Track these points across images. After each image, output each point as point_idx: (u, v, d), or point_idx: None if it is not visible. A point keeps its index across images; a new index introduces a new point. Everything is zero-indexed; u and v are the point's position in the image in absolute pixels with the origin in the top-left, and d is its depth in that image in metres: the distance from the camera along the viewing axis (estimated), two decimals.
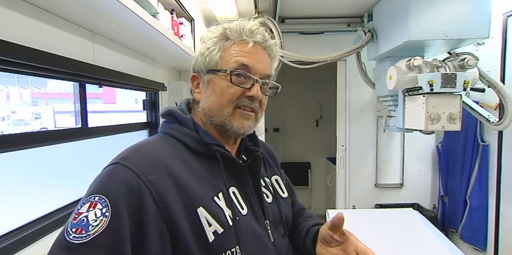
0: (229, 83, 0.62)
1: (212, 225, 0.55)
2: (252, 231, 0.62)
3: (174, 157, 0.59)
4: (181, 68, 2.55)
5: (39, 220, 1.08)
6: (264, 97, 0.67)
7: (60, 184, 1.24)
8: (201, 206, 0.55)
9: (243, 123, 0.64)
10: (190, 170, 0.58)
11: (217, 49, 0.65)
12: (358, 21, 2.42)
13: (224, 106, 0.63)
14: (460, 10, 1.61)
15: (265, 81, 0.66)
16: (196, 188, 0.56)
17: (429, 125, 1.68)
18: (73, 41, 1.22)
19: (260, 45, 0.66)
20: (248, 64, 0.63)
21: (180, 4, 1.73)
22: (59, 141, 1.20)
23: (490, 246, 2.13)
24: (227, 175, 0.62)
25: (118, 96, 7.65)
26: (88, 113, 1.40)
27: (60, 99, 6.54)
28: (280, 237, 0.69)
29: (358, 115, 2.72)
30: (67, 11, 1.08)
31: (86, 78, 1.31)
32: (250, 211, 0.64)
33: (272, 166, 0.81)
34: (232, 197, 0.61)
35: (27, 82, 5.77)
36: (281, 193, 0.76)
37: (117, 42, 1.56)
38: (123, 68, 1.61)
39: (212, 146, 0.62)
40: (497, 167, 2.05)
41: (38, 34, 1.03)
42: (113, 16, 1.12)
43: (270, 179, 0.76)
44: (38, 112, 5.75)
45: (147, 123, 2.13)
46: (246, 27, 0.65)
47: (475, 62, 1.64)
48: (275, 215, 0.70)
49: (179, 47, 1.67)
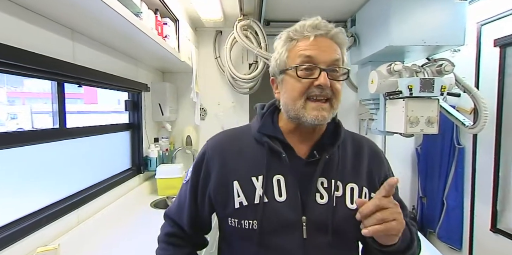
0: (297, 78, 0.67)
1: (240, 196, 0.69)
2: (280, 216, 0.66)
3: (234, 140, 0.76)
4: (164, 68, 2.52)
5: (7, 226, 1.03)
6: (337, 83, 0.69)
7: (35, 187, 1.20)
8: (236, 180, 0.70)
9: (316, 115, 0.67)
10: (241, 153, 0.73)
11: (285, 51, 0.71)
12: (342, 26, 2.46)
13: (296, 99, 0.68)
14: (438, 18, 1.68)
15: (333, 68, 0.68)
16: (238, 166, 0.71)
17: (409, 128, 1.73)
18: (52, 39, 1.18)
19: (324, 36, 0.68)
20: (311, 55, 0.67)
21: (164, 4, 1.71)
22: (35, 142, 1.16)
23: (465, 245, 2.21)
24: (273, 164, 0.70)
25: (100, 97, 7.46)
26: (68, 113, 1.36)
27: (38, 99, 6.31)
28: (323, 241, 0.67)
29: (341, 118, 2.66)
30: (46, 8, 1.05)
31: (64, 77, 1.27)
32: (288, 200, 0.68)
33: (359, 171, 0.74)
34: (274, 182, 0.69)
35: (2, 81, 5.54)
36: (348, 202, 0.70)
37: (99, 41, 1.52)
38: (105, 68, 1.58)
39: (263, 136, 0.72)
40: (472, 169, 2.13)
41: (14, 30, 0.99)
42: (94, 14, 1.09)
43: (344, 184, 0.71)
44: (14, 112, 5.52)
45: (129, 124, 2.08)
46: (307, 23, 0.69)
47: (452, 68, 1.71)
48: (320, 216, 0.68)
49: (162, 48, 1.65)
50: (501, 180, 1.91)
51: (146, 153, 2.21)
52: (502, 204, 1.91)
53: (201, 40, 2.66)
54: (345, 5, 2.12)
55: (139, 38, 1.43)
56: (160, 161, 2.27)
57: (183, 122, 2.69)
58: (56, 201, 1.28)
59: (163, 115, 2.39)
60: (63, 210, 1.27)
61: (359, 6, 2.12)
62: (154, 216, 1.73)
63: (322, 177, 0.70)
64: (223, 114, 2.70)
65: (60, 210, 1.25)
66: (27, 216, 1.11)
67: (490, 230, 1.96)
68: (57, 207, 1.25)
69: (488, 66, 1.99)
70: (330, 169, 0.71)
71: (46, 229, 1.15)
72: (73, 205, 1.33)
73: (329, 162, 0.71)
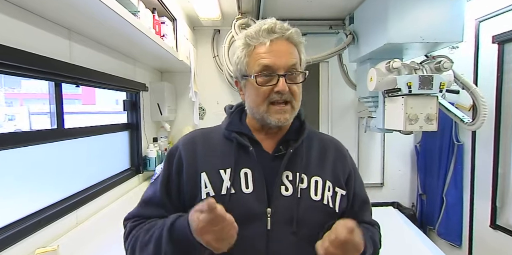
0: (257, 85, 0.71)
1: (208, 187, 0.71)
2: (246, 207, 0.69)
3: (206, 137, 0.79)
4: (163, 68, 2.51)
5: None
6: (296, 86, 0.72)
7: (33, 189, 1.19)
8: (204, 172, 0.73)
9: (279, 117, 0.72)
10: (210, 148, 0.77)
11: (243, 57, 0.74)
12: (340, 24, 2.46)
13: (259, 104, 0.73)
14: (436, 15, 1.67)
15: (292, 72, 0.71)
16: (207, 159, 0.74)
17: (408, 126, 1.73)
18: (48, 39, 1.17)
19: (280, 39, 0.71)
20: (269, 64, 0.70)
21: (161, 3, 1.70)
22: (33, 143, 1.15)
23: (465, 242, 2.21)
24: (241, 158, 0.73)
25: (98, 97, 7.44)
26: (66, 114, 1.35)
27: (36, 99, 6.28)
28: (286, 232, 0.69)
29: (340, 116, 2.76)
30: (42, 8, 1.04)
31: (62, 77, 1.26)
32: (254, 192, 0.71)
33: (322, 166, 0.78)
34: (241, 175, 0.72)
35: (0, 82, 5.50)
36: (312, 194, 0.73)
37: (96, 41, 1.51)
38: (102, 67, 1.57)
39: (231, 133, 0.76)
40: (471, 165, 2.14)
41: (10, 30, 0.98)
42: (91, 13, 1.08)
43: (308, 177, 0.74)
44: (12, 113, 5.50)
45: (127, 124, 2.07)
46: (262, 28, 0.71)
47: (450, 65, 1.70)
48: (284, 208, 0.70)
49: (160, 47, 1.64)
50: (500, 176, 1.91)
51: (145, 153, 2.20)
52: (502, 201, 1.92)
53: (199, 39, 2.65)
54: (343, 3, 2.12)
55: (136, 37, 1.42)
56: (159, 161, 2.26)
57: (182, 122, 2.68)
58: (55, 202, 1.28)
59: (162, 114, 2.38)
60: (62, 211, 1.26)
61: (357, 4, 2.11)
62: None
63: (287, 171, 0.73)
64: (222, 113, 2.69)
65: (59, 211, 1.24)
66: (26, 217, 1.11)
67: (489, 227, 1.97)
68: (56, 208, 1.24)
69: (486, 63, 1.99)
70: (295, 163, 0.74)
71: (45, 231, 1.15)
72: (72, 206, 1.33)
73: (294, 156, 0.75)
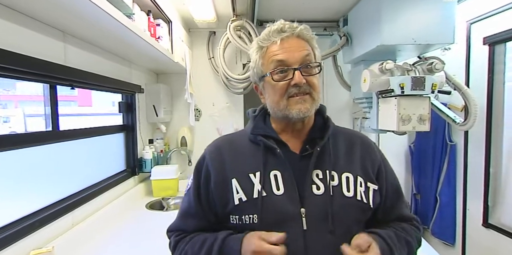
0: (274, 82, 0.73)
1: (239, 193, 0.72)
2: (279, 209, 0.70)
3: (230, 143, 0.81)
4: (158, 70, 2.52)
5: None
6: (313, 77, 0.73)
7: (28, 190, 1.19)
8: (234, 178, 0.74)
9: (300, 107, 0.72)
10: (238, 153, 0.78)
11: (258, 58, 0.76)
12: (334, 26, 2.48)
13: (279, 101, 0.74)
14: (428, 17, 1.70)
15: (305, 65, 0.72)
16: (235, 165, 0.75)
17: (401, 126, 1.76)
18: (43, 41, 1.18)
19: (291, 37, 0.73)
20: (282, 58, 0.72)
21: (156, 5, 1.71)
22: (28, 145, 1.15)
23: (458, 241, 2.24)
24: (270, 160, 0.74)
25: (95, 99, 7.40)
26: (62, 116, 1.36)
27: (31, 101, 6.24)
28: (323, 231, 0.69)
29: (335, 117, 2.72)
30: (36, 10, 1.05)
31: (56, 79, 1.27)
32: (286, 193, 0.71)
33: (352, 162, 0.78)
34: (271, 178, 0.72)
35: None
36: (344, 191, 0.73)
37: (91, 43, 1.52)
38: (97, 69, 1.57)
39: (257, 136, 0.77)
40: (464, 165, 2.17)
41: (4, 33, 0.99)
42: (85, 16, 1.09)
43: (339, 174, 0.74)
44: (7, 115, 5.46)
45: (123, 125, 2.08)
46: (272, 29, 0.74)
47: (442, 66, 1.73)
48: (318, 207, 0.70)
49: (155, 49, 1.65)
50: (492, 176, 1.94)
51: (141, 155, 2.20)
52: (493, 200, 1.95)
53: (195, 41, 2.66)
54: (337, 5, 2.14)
55: (131, 39, 1.43)
56: (155, 163, 2.27)
57: (178, 123, 2.69)
58: (50, 204, 1.28)
59: (158, 116, 2.38)
60: (58, 213, 1.27)
61: (351, 6, 2.13)
62: (150, 218, 1.73)
63: (317, 169, 0.73)
64: (217, 114, 2.70)
65: (54, 212, 1.24)
66: (21, 219, 1.11)
67: (482, 225, 2.00)
68: (51, 210, 1.24)
69: (478, 64, 2.03)
70: (324, 161, 0.74)
71: (40, 232, 1.15)
72: (67, 208, 1.33)
73: (322, 154, 0.75)
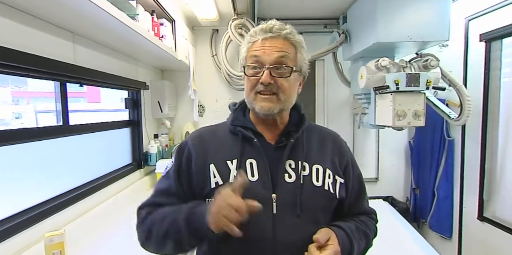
0: (247, 76, 0.80)
1: (216, 177, 0.77)
2: (252, 193, 0.72)
3: (212, 133, 0.87)
4: (163, 67, 2.60)
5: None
6: (284, 80, 0.77)
7: (40, 181, 1.29)
8: (212, 163, 0.79)
9: (262, 105, 0.78)
10: (218, 141, 0.83)
11: (244, 52, 0.82)
12: (334, 23, 2.52)
13: (249, 93, 0.80)
14: (423, 15, 1.74)
15: (277, 66, 0.76)
16: (215, 152, 0.81)
17: (396, 121, 1.81)
18: (54, 42, 1.27)
19: (276, 38, 0.78)
20: (257, 55, 0.77)
21: (160, 6, 1.78)
22: (40, 138, 1.25)
23: (455, 234, 2.29)
24: (247, 149, 0.80)
25: (103, 95, 7.55)
26: (72, 112, 1.45)
27: (43, 98, 6.41)
28: (291, 215, 0.74)
29: (335, 113, 2.84)
30: (48, 14, 1.13)
31: (66, 77, 1.36)
32: (260, 180, 0.77)
33: (322, 156, 0.83)
34: (247, 165, 0.78)
35: (7, 81, 5.63)
36: (314, 180, 0.78)
37: (98, 43, 1.60)
38: (105, 68, 1.66)
39: (236, 127, 0.83)
40: (461, 160, 2.21)
41: (18, 35, 1.07)
42: (93, 19, 1.17)
43: (310, 165, 0.80)
44: (19, 112, 5.63)
45: (129, 121, 2.17)
46: (259, 28, 0.79)
47: (437, 63, 1.77)
48: (288, 193, 0.76)
49: (159, 48, 1.73)
50: (487, 170, 1.98)
51: (146, 149, 2.30)
52: (488, 194, 1.99)
53: (198, 38, 2.73)
54: (335, 3, 2.18)
55: (136, 39, 1.51)
56: (160, 157, 2.36)
57: (182, 119, 2.77)
58: (61, 193, 1.38)
59: (162, 112, 2.47)
60: (68, 201, 1.36)
61: (350, 4, 2.17)
62: None
63: (290, 160, 0.79)
64: (220, 110, 2.78)
65: (65, 201, 1.35)
66: (36, 206, 1.21)
67: (477, 219, 2.04)
68: (63, 198, 1.35)
69: (475, 60, 2.05)
70: (297, 152, 0.80)
71: (53, 218, 1.25)
72: (77, 197, 1.43)
73: (295, 146, 0.81)
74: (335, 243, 0.72)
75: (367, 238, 0.85)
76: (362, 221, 0.88)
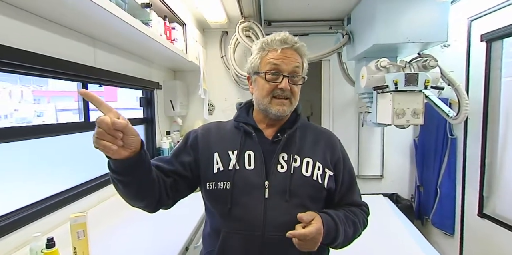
0: (266, 81, 0.89)
1: (219, 164, 0.89)
2: (248, 180, 0.86)
3: (220, 127, 0.99)
4: (176, 68, 2.75)
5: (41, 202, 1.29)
6: (296, 86, 0.90)
7: (65, 171, 1.45)
8: (216, 152, 0.91)
9: (279, 109, 0.89)
10: (222, 134, 0.95)
11: (258, 57, 0.91)
12: (339, 24, 2.60)
13: (264, 96, 0.89)
14: (422, 17, 1.80)
15: (293, 75, 0.88)
16: (219, 143, 0.93)
17: (395, 120, 1.88)
18: (76, 47, 1.42)
19: (290, 49, 0.88)
20: (278, 63, 0.87)
21: (172, 11, 1.92)
22: (66, 132, 1.41)
23: (457, 231, 2.33)
24: (246, 142, 0.91)
25: (120, 94, 7.81)
26: (93, 110, 1.60)
27: (62, 97, 6.72)
28: (281, 200, 0.85)
29: (341, 112, 2.91)
30: (73, 22, 1.28)
31: (87, 78, 1.51)
32: (255, 169, 0.87)
33: (314, 151, 0.93)
34: (245, 156, 0.89)
35: (29, 81, 5.94)
36: (303, 171, 0.88)
37: (116, 47, 1.75)
38: (121, 69, 1.81)
39: (239, 123, 0.94)
40: (463, 158, 2.24)
41: (47, 42, 1.22)
42: (111, 26, 1.32)
43: (301, 158, 0.90)
44: (41, 110, 5.93)
45: (143, 118, 2.33)
46: (276, 38, 0.88)
47: (435, 63, 1.83)
48: (279, 181, 0.86)
49: (170, 50, 1.87)
50: (487, 168, 2.02)
51: (159, 145, 2.45)
52: (488, 191, 2.03)
53: (209, 40, 2.86)
54: (339, 5, 2.26)
55: (149, 43, 1.64)
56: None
57: (193, 117, 2.92)
58: (82, 183, 1.54)
59: (174, 110, 2.62)
60: (88, 190, 1.52)
61: (353, 6, 2.25)
62: None
63: (283, 153, 0.90)
64: (229, 108, 2.91)
65: (85, 190, 1.50)
66: (60, 193, 1.37)
67: (477, 215, 2.08)
68: (84, 187, 1.51)
69: (478, 60, 2.08)
70: (290, 147, 0.91)
71: (76, 204, 1.41)
72: (97, 186, 1.59)
73: (289, 141, 0.91)
74: (318, 223, 0.81)
75: (355, 227, 0.93)
76: (351, 210, 0.96)
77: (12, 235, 1.07)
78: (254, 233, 0.83)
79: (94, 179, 1.63)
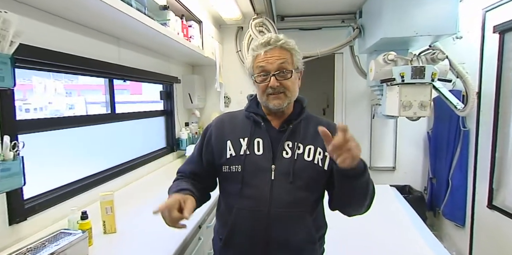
0: (257, 83, 0.99)
1: (231, 150, 1.00)
2: (256, 164, 0.97)
3: (232, 117, 1.09)
4: (193, 63, 2.91)
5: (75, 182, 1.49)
6: (288, 81, 0.96)
7: (98, 157, 1.65)
8: (229, 140, 1.02)
9: (274, 103, 0.97)
10: (234, 124, 1.06)
11: (250, 63, 1.01)
12: (352, 18, 2.63)
13: (261, 96, 0.99)
14: (430, 10, 1.81)
15: (280, 72, 0.95)
16: (231, 132, 1.04)
17: (402, 112, 1.93)
18: (103, 46, 1.59)
19: (274, 48, 0.95)
20: (263, 65, 0.95)
21: (188, 10, 2.06)
22: (96, 123, 1.60)
23: (467, 222, 2.35)
24: (256, 131, 1.02)
25: (145, 88, 8.15)
26: (118, 103, 1.79)
27: (91, 90, 7.14)
28: (285, 182, 0.95)
29: (354, 104, 2.96)
30: (97, 25, 1.45)
31: (113, 75, 1.69)
32: (263, 154, 0.98)
33: (316, 139, 0.99)
34: (255, 143, 1.00)
35: (60, 76, 6.36)
36: (305, 156, 0.98)
37: (138, 45, 1.92)
38: (143, 65, 1.98)
39: (250, 113, 1.04)
40: (475, 150, 2.25)
41: (78, 44, 1.40)
42: (132, 28, 1.47)
43: (304, 146, 0.99)
44: (72, 103, 6.37)
45: (163, 111, 2.51)
46: (260, 42, 0.96)
47: (443, 56, 1.84)
48: (284, 165, 0.96)
49: (187, 47, 2.01)
50: (498, 160, 2.02)
51: (178, 135, 2.63)
52: (498, 183, 2.04)
53: (225, 36, 2.99)
54: None
55: (167, 42, 1.79)
56: (190, 142, 2.69)
57: (210, 109, 3.08)
58: (110, 167, 1.74)
59: (192, 103, 2.79)
60: (115, 174, 1.72)
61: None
62: None
63: (288, 141, 1.01)
64: (245, 101, 3.02)
65: (112, 174, 1.70)
66: (91, 175, 1.57)
67: (486, 207, 2.10)
68: (111, 171, 1.70)
69: (492, 52, 2.06)
70: (294, 136, 1.02)
71: (104, 186, 1.61)
72: (122, 171, 1.79)
73: (294, 131, 1.02)
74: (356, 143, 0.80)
75: (370, 187, 0.97)
76: None
77: (54, 208, 1.28)
78: (262, 209, 0.96)
79: (119, 164, 1.83)
